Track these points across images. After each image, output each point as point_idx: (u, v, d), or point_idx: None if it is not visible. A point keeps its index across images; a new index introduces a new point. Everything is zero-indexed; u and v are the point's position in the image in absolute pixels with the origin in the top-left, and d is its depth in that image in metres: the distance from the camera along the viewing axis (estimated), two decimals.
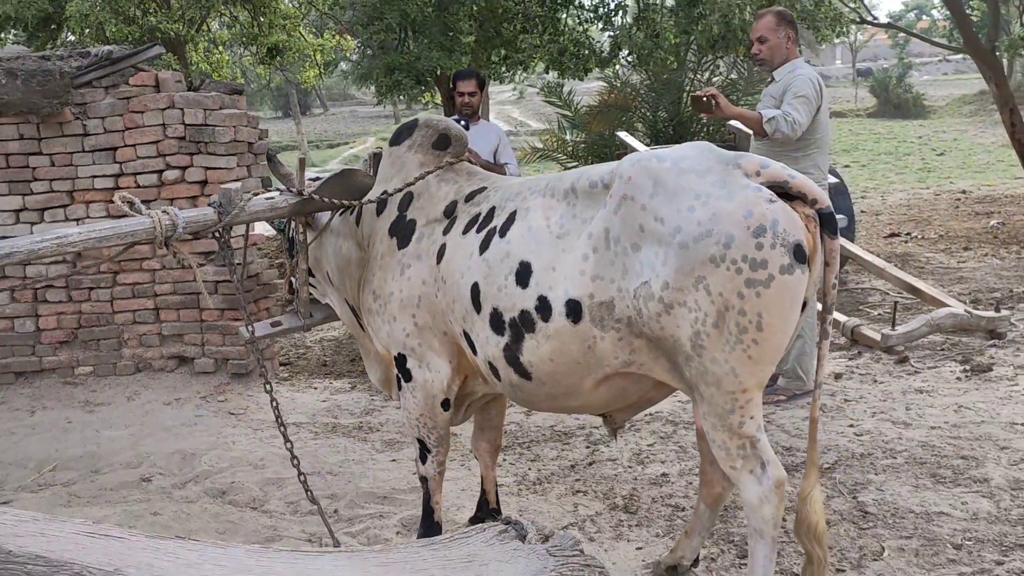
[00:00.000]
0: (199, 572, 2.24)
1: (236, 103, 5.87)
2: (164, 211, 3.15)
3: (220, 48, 12.49)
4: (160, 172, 5.66)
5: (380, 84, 9.93)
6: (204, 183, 5.63)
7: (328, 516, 3.66)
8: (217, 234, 3.34)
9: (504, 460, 4.47)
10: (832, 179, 6.76)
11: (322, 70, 13.56)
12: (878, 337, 5.50)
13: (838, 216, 6.95)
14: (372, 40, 10.22)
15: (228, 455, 4.79)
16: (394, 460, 4.63)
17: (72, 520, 2.43)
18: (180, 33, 9.15)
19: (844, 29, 11.12)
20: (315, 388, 6.15)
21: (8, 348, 5.92)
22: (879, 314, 6.90)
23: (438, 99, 12.79)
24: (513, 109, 42.02)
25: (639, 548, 3.49)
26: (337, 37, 13.39)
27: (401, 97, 10.99)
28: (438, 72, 10.00)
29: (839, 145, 23.81)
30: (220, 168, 5.61)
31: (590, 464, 4.38)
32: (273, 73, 14.88)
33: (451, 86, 6.34)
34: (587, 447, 4.61)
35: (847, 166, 20.19)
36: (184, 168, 5.65)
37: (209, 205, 3.31)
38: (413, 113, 45.12)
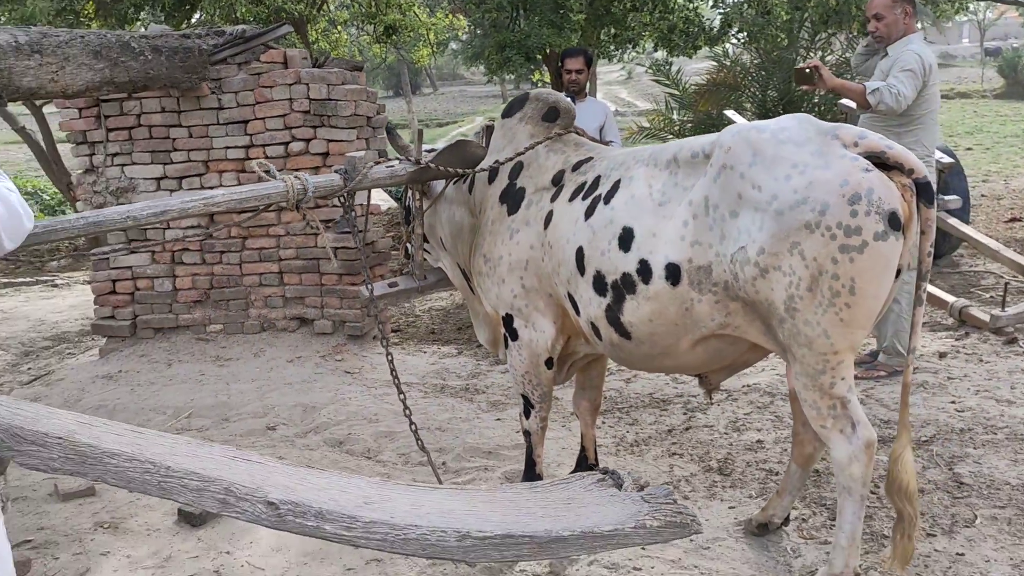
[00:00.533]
0: (327, 495, 2.51)
1: (356, 79, 6.18)
2: (296, 176, 3.44)
3: (338, 27, 12.95)
4: (286, 144, 6.02)
5: (491, 61, 10.16)
6: (326, 155, 5.96)
7: (436, 467, 3.92)
8: (342, 199, 3.61)
9: (603, 423, 4.65)
10: (946, 159, 6.64)
11: (434, 49, 13.89)
12: (987, 318, 5.44)
13: (951, 197, 6.86)
14: (484, 19, 10.44)
15: (345, 409, 5.12)
16: (498, 419, 4.87)
17: (217, 445, 2.74)
18: (303, 13, 9.58)
19: (964, 5, 10.74)
20: (424, 352, 6.45)
21: (148, 306, 6.43)
22: (991, 296, 6.76)
23: (547, 77, 12.95)
24: (621, 89, 41.74)
25: (731, 507, 3.63)
26: (450, 16, 13.70)
27: (511, 76, 11.19)
28: (547, 50, 10.16)
29: (962, 127, 22.83)
30: (341, 140, 5.94)
31: (687, 429, 4.53)
32: (388, 52, 15.30)
33: (559, 63, 6.50)
34: (684, 414, 4.75)
35: (969, 148, 19.38)
36: (308, 140, 6.00)
37: (335, 172, 3.59)
38: (521, 92, 45.27)
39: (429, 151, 3.91)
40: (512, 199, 3.52)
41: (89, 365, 6.43)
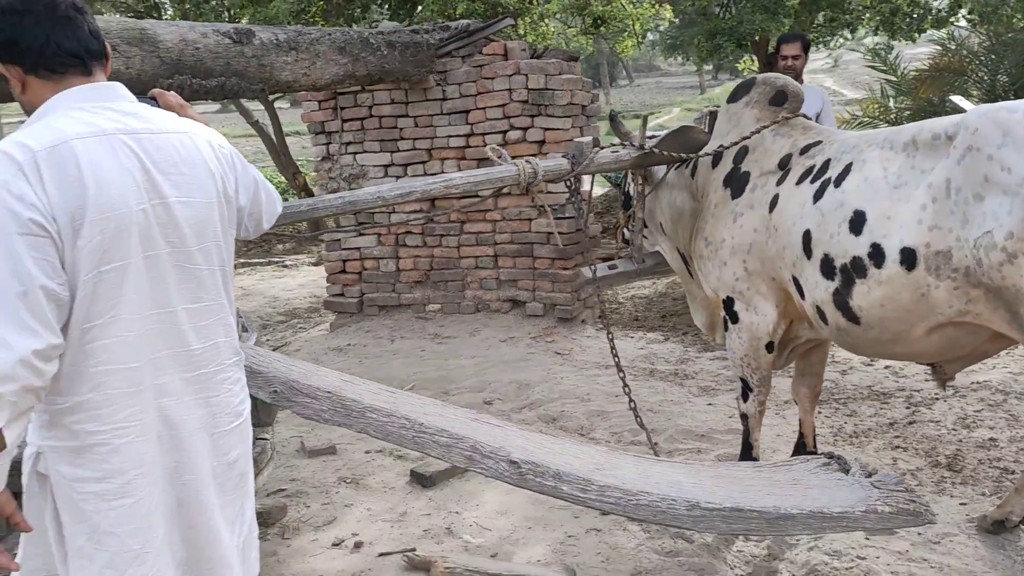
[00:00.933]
0: (562, 459, 2.66)
1: (572, 69, 6.35)
2: (527, 160, 3.62)
3: (546, 20, 13.22)
4: (504, 132, 6.28)
5: (701, 49, 10.07)
6: (542, 142, 6.17)
7: (650, 447, 4.02)
8: (569, 182, 3.77)
9: (819, 413, 4.58)
10: None
11: (639, 39, 13.89)
12: None
13: None
14: (693, 6, 10.35)
15: (557, 388, 5.31)
16: (710, 404, 4.90)
17: (459, 408, 2.96)
18: (516, 6, 9.88)
19: None
20: (631, 337, 6.55)
21: (374, 285, 6.91)
22: None
23: (755, 65, 12.67)
24: (826, 78, 39.83)
25: (963, 504, 3.50)
26: (656, 6, 13.64)
27: (721, 61, 11.01)
28: (758, 36, 9.95)
29: None
30: (557, 129, 6.13)
31: (910, 423, 4.38)
32: (592, 43, 15.45)
33: (774, 49, 6.38)
34: (907, 407, 4.60)
35: None
36: (525, 129, 6.23)
37: (563, 157, 3.75)
38: (720, 83, 44.24)
39: (650, 137, 4.00)
40: (736, 183, 3.55)
41: (320, 338, 6.99)
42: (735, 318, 3.56)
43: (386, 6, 9.53)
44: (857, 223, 2.96)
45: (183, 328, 1.92)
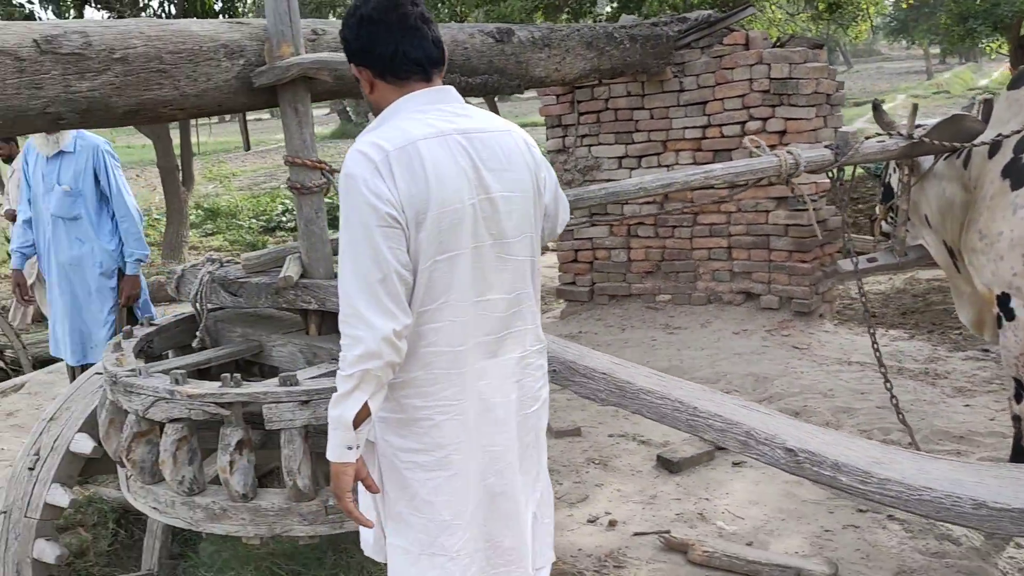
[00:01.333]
0: (837, 450, 2.66)
1: (817, 57, 6.19)
2: (788, 151, 3.61)
3: (772, 6, 12.89)
4: (742, 123, 6.22)
5: (951, 33, 9.48)
6: (783, 132, 6.06)
7: (904, 446, 3.89)
8: (831, 173, 3.72)
9: None
10: None
11: (872, 24, 13.25)
12: None
13: None
14: None
15: (797, 382, 5.22)
16: (967, 405, 4.67)
17: (724, 395, 3.01)
18: None
19: None
20: (871, 334, 6.30)
21: (605, 274, 7.05)
22: None
23: (1004, 48, 11.77)
24: None
25: None
26: None
27: (974, 46, 10.30)
28: (1016, 18, 9.23)
29: None
30: (799, 119, 6.00)
31: None
32: (822, 29, 14.89)
33: None
34: None
35: None
36: (765, 119, 6.14)
37: (826, 147, 3.70)
38: (949, 68, 41.17)
39: (918, 126, 3.87)
40: (1017, 173, 3.37)
41: (551, 325, 7.20)
42: (1011, 315, 3.39)
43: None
44: None
45: (500, 315, 2.05)
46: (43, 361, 7.23)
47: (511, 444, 2.11)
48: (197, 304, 3.49)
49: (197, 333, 3.56)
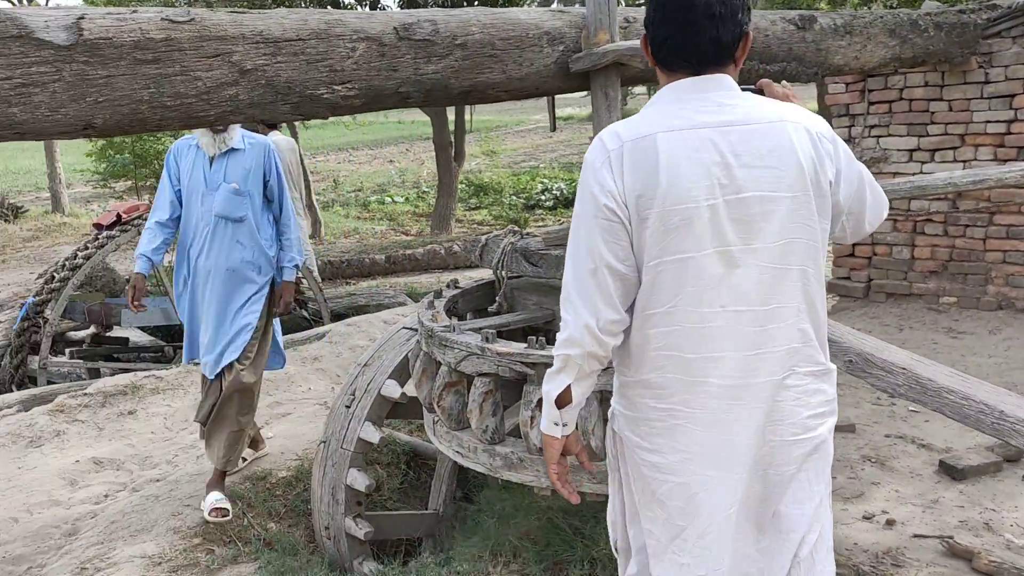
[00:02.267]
0: None
1: None
2: None
3: None
4: None
5: None
6: None
7: None
8: None
9: None
10: None
11: None
12: None
13: None
14: None
15: None
16: None
17: (942, 367, 2.86)
18: None
19: None
20: None
21: (884, 271, 6.78)
22: None
23: None
24: None
25: None
26: None
27: None
28: None
29: None
30: None
31: None
32: None
33: None
34: None
35: None
36: None
37: None
38: None
39: None
40: None
41: None
42: None
43: None
44: None
45: (748, 330, 1.87)
46: (337, 315, 8.07)
47: (739, 470, 1.94)
48: (499, 271, 3.80)
49: (496, 298, 3.88)
